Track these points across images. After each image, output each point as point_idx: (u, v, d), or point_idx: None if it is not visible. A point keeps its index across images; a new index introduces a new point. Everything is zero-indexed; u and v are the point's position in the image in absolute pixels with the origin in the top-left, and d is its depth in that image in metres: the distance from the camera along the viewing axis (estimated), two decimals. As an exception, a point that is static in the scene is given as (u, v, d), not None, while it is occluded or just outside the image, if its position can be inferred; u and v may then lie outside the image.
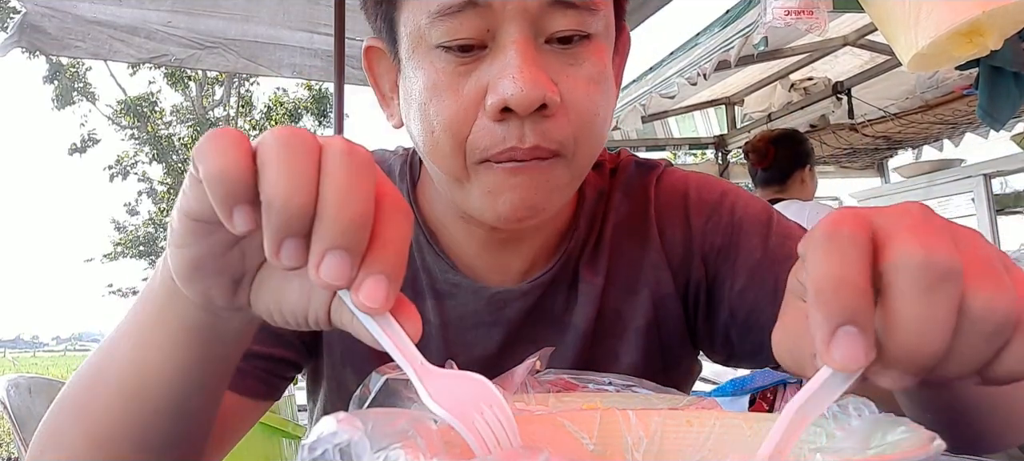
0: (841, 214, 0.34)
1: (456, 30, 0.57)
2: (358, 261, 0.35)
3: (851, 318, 0.30)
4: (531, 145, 0.57)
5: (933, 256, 0.31)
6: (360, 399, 0.47)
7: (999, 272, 0.32)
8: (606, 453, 0.43)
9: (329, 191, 0.34)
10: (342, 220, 0.34)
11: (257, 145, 0.35)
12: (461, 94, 0.58)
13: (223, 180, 0.34)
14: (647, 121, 4.52)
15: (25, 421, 1.75)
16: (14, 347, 57.20)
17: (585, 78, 0.59)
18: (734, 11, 2.69)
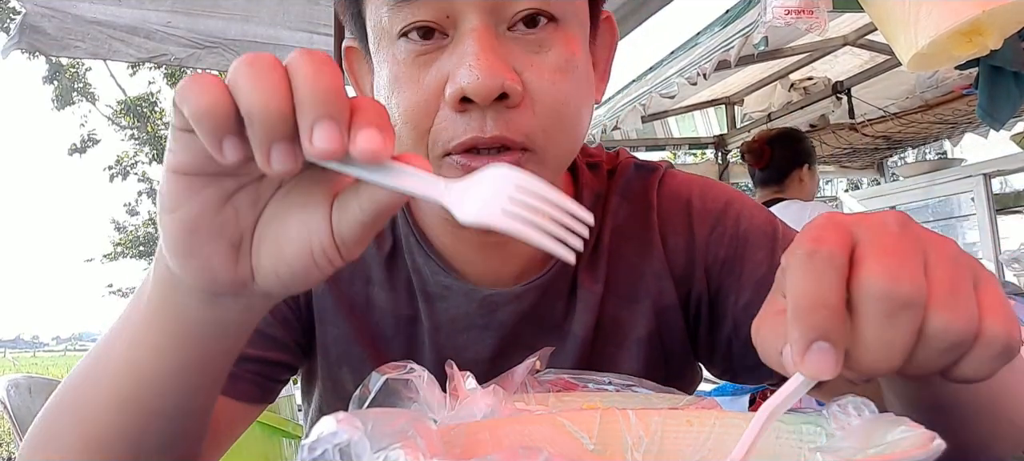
0: (822, 229, 0.36)
1: (414, 14, 0.56)
2: (345, 126, 0.36)
3: (824, 335, 0.33)
4: (492, 135, 0.56)
5: (897, 286, 0.34)
6: (360, 399, 0.47)
7: (962, 292, 0.35)
8: (606, 453, 0.44)
9: (300, 80, 0.36)
10: (318, 93, 0.35)
11: (229, 79, 0.37)
12: (421, 85, 0.57)
13: (208, 114, 0.36)
14: (647, 121, 4.52)
15: (25, 421, 1.75)
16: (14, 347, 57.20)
17: (551, 66, 0.57)
18: (734, 11, 2.69)
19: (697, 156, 7.46)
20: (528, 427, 0.43)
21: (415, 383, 0.46)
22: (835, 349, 0.34)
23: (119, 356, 0.49)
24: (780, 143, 2.67)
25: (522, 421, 0.44)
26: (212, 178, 0.39)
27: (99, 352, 0.51)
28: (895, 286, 0.33)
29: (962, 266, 0.36)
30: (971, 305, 0.35)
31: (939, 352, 0.35)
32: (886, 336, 0.34)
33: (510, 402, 0.48)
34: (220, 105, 0.35)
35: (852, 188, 8.84)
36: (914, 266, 0.34)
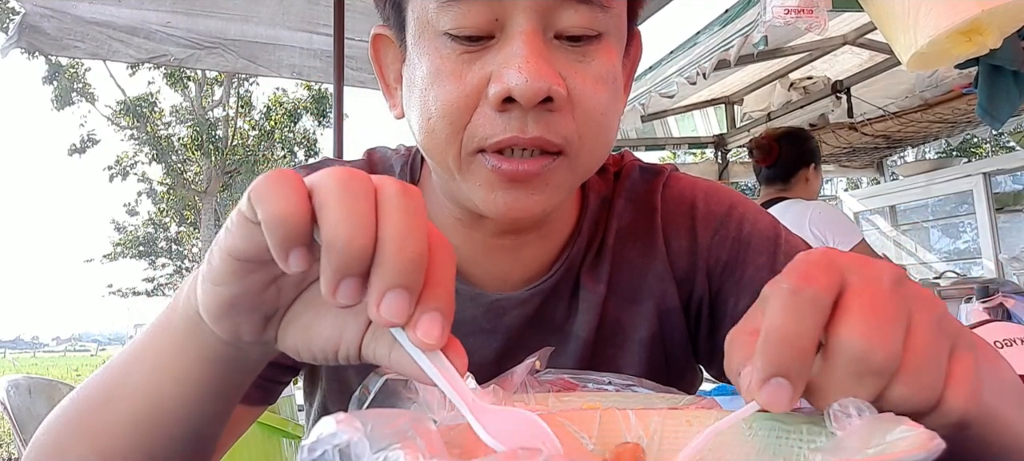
0: (815, 266, 0.36)
1: (464, 17, 0.55)
2: (416, 299, 0.36)
3: (786, 373, 0.35)
4: (534, 136, 0.56)
5: (871, 354, 0.34)
6: (359, 399, 0.47)
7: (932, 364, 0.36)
8: (606, 453, 0.43)
9: (388, 232, 0.35)
10: (402, 260, 0.35)
11: (313, 186, 0.36)
12: (463, 81, 0.56)
13: (284, 223, 0.35)
14: (647, 120, 4.52)
15: (25, 421, 1.75)
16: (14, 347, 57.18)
17: (593, 76, 0.58)
18: (734, 10, 2.69)
19: (697, 155, 7.46)
20: (528, 427, 0.43)
21: (414, 384, 0.46)
22: (793, 388, 0.35)
23: (139, 380, 0.49)
24: (788, 141, 2.66)
25: (522, 421, 0.44)
26: (264, 265, 0.39)
27: (116, 374, 0.52)
28: (869, 352, 0.34)
29: (942, 334, 0.37)
30: (937, 379, 0.36)
31: (896, 409, 0.35)
32: (849, 391, 0.35)
33: (510, 402, 0.48)
34: (297, 216, 0.35)
35: (852, 187, 8.85)
36: (893, 333, 0.35)
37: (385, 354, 0.40)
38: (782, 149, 2.63)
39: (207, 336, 0.44)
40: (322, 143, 20.45)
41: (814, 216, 2.42)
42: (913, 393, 0.35)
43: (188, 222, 22.66)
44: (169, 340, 0.47)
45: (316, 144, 20.45)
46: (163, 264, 24.41)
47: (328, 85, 3.21)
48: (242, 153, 19.22)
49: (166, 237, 23.82)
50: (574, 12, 0.56)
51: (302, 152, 20.91)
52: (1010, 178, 4.47)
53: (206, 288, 0.41)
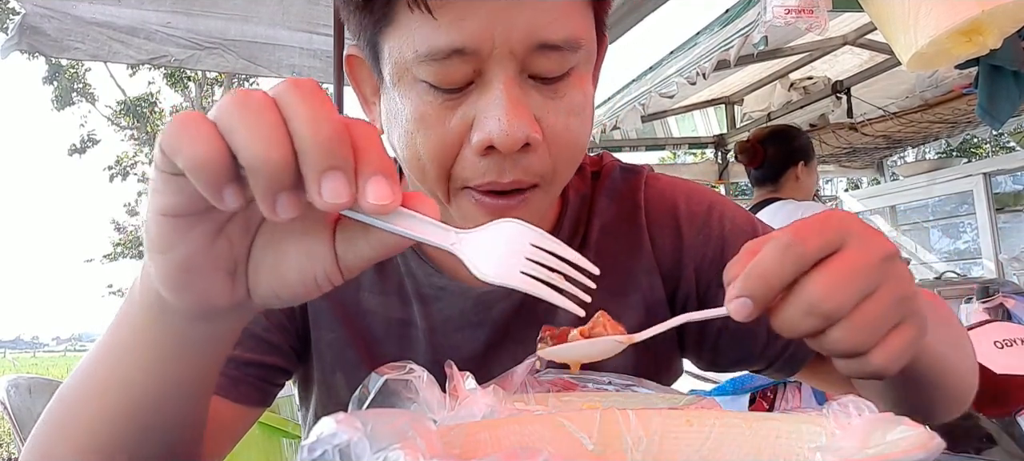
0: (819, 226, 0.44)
1: (444, 74, 0.57)
2: (352, 175, 0.36)
3: (752, 295, 0.44)
4: (511, 180, 0.59)
5: (822, 303, 0.43)
6: (359, 399, 0.47)
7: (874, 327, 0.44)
8: (606, 453, 0.44)
9: (300, 127, 0.35)
10: (321, 144, 0.35)
11: (217, 120, 0.36)
12: (447, 128, 0.59)
13: (206, 164, 0.35)
14: (647, 120, 4.52)
15: (25, 421, 1.75)
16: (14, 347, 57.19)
17: (566, 111, 0.60)
18: (734, 10, 2.69)
19: (697, 155, 7.46)
20: (528, 427, 0.43)
21: (414, 384, 0.46)
22: (755, 307, 0.44)
23: (108, 373, 0.49)
24: (773, 141, 2.63)
25: (522, 421, 0.44)
26: (203, 215, 0.38)
27: (86, 370, 0.51)
28: (822, 301, 0.43)
29: (895, 308, 0.44)
30: (871, 338, 0.44)
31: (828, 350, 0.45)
32: (793, 323, 0.44)
33: (510, 402, 0.48)
34: (217, 155, 0.35)
35: (852, 187, 8.85)
36: (850, 292, 0.43)
37: (363, 245, 0.40)
38: (767, 150, 2.61)
39: (172, 316, 0.43)
40: (322, 143, 20.47)
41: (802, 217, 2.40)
42: (844, 338, 0.44)
43: (188, 222, 22.65)
44: (131, 331, 0.47)
45: (316, 144, 20.47)
46: (163, 264, 24.40)
47: (328, 85, 3.20)
48: (242, 153, 19.24)
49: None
50: (546, 59, 0.58)
51: (302, 152, 20.94)
52: (1010, 178, 4.47)
53: (156, 261, 0.40)
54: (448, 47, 0.55)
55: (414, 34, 0.57)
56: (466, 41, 0.55)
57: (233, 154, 0.35)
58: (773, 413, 0.45)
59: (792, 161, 2.58)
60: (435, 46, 0.56)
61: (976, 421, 1.82)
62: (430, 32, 0.56)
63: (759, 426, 0.42)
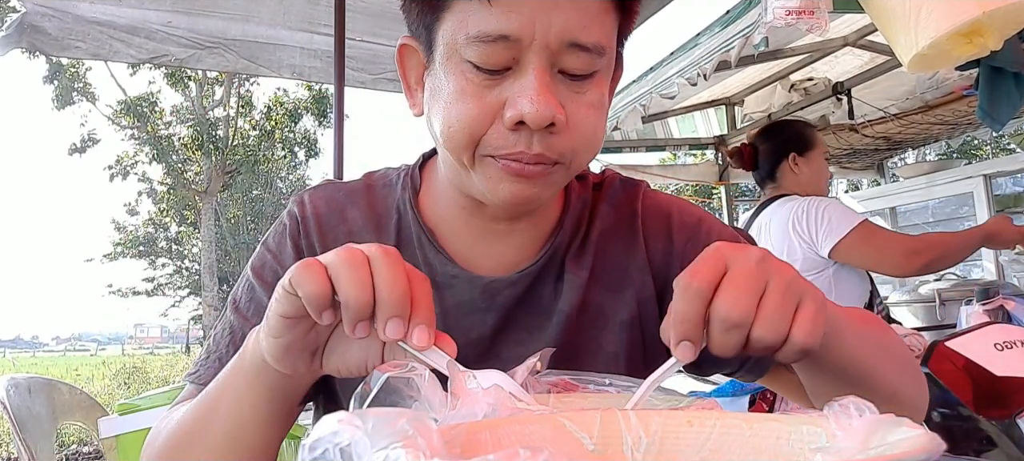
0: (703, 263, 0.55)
1: (488, 56, 0.67)
2: (407, 320, 0.55)
3: (687, 338, 0.55)
4: (536, 153, 0.68)
5: (731, 314, 0.53)
6: (361, 397, 0.48)
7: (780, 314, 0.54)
8: (606, 453, 0.44)
9: (381, 285, 0.54)
10: (392, 300, 0.54)
11: (328, 266, 0.55)
12: (483, 102, 0.68)
13: (316, 298, 0.55)
14: (647, 121, 4.52)
15: (25, 421, 1.75)
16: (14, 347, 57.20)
17: (587, 104, 0.70)
18: (734, 11, 2.69)
19: (697, 156, 7.46)
20: (528, 427, 0.43)
21: (416, 382, 0.47)
22: (694, 345, 0.55)
23: (225, 410, 0.67)
24: (762, 139, 2.58)
25: (522, 421, 0.44)
26: (305, 320, 0.58)
27: (206, 406, 0.69)
28: (730, 314, 0.53)
29: (790, 292, 0.55)
30: (784, 323, 0.54)
31: (759, 349, 0.54)
32: (724, 341, 0.54)
33: (511, 402, 0.48)
34: (325, 293, 0.54)
35: (852, 189, 8.85)
36: (749, 297, 0.53)
37: (400, 355, 0.58)
38: (756, 149, 2.57)
39: (272, 374, 0.63)
40: (322, 143, 20.47)
41: (794, 218, 2.36)
42: (766, 334, 0.53)
43: (188, 222, 22.67)
44: (244, 380, 0.65)
45: (316, 144, 20.48)
46: (163, 264, 24.43)
47: (329, 85, 3.20)
48: (243, 153, 19.24)
49: (166, 237, 23.84)
50: (575, 57, 0.68)
51: (302, 152, 20.92)
52: (1010, 180, 4.47)
53: (268, 342, 0.60)
54: (496, 32, 0.66)
55: (469, 19, 0.67)
56: (512, 29, 0.66)
57: (334, 290, 0.54)
58: (773, 414, 0.45)
59: (783, 154, 2.52)
60: (485, 30, 0.66)
61: (976, 423, 1.82)
62: (483, 17, 0.66)
63: (759, 427, 0.42)
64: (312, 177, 24.13)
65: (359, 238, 0.85)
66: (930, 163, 5.20)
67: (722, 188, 5.05)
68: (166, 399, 2.54)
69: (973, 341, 1.84)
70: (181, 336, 35.22)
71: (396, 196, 0.87)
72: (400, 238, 0.85)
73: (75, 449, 6.77)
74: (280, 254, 0.85)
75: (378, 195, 0.88)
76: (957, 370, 1.85)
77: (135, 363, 14.72)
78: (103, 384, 11.51)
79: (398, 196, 0.87)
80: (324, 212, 0.87)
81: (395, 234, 0.85)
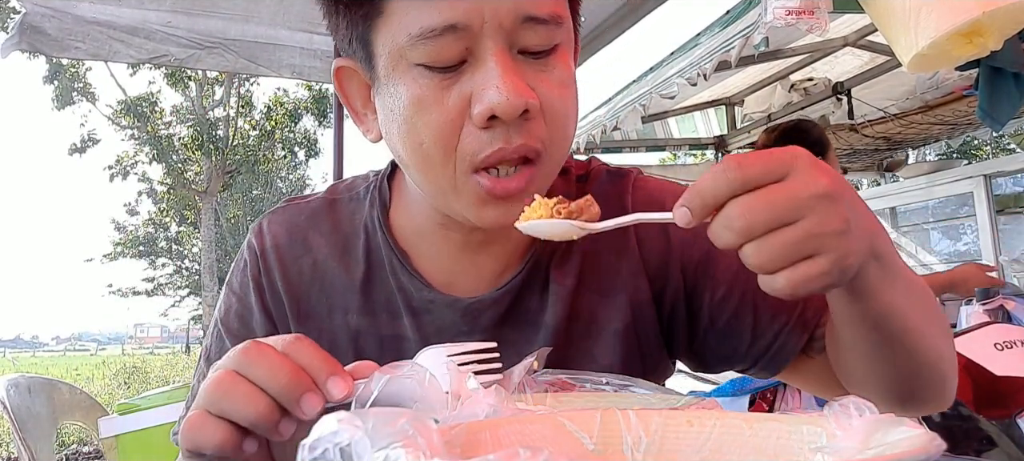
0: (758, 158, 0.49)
1: (438, 52, 0.60)
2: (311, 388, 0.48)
3: (689, 207, 0.50)
4: (518, 145, 0.62)
5: (736, 219, 0.48)
6: (362, 399, 0.47)
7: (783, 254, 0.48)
8: (606, 453, 0.44)
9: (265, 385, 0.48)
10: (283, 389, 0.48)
11: (212, 406, 0.49)
12: (446, 106, 0.62)
13: (223, 448, 0.48)
14: (647, 121, 4.52)
15: (25, 421, 1.75)
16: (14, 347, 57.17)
17: (556, 82, 0.64)
18: (734, 11, 2.69)
19: (697, 157, 7.46)
20: (528, 427, 0.43)
21: (416, 383, 0.47)
22: (691, 216, 0.50)
23: None
24: (788, 137, 2.53)
25: (522, 421, 0.44)
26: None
27: None
28: (735, 218, 0.48)
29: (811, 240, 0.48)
30: (776, 261, 0.49)
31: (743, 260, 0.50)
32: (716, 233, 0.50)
33: (511, 402, 0.48)
34: (228, 437, 0.48)
35: (852, 189, 8.83)
36: (768, 216, 0.48)
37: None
38: (782, 145, 2.58)
39: None
40: (322, 143, 20.46)
41: None
42: (751, 255, 0.49)
43: (188, 222, 22.66)
44: None
45: (316, 144, 20.46)
46: (163, 264, 24.42)
47: (328, 85, 3.20)
48: (243, 153, 19.23)
49: (166, 237, 23.82)
50: (534, 32, 0.62)
51: (302, 152, 20.91)
52: (1011, 180, 4.47)
53: None
54: (441, 24, 0.59)
55: (406, 17, 0.60)
56: (458, 17, 0.59)
57: (237, 425, 0.48)
58: (773, 414, 0.45)
59: None
60: (428, 25, 0.59)
61: (976, 423, 1.82)
62: (422, 12, 0.59)
63: (759, 427, 0.42)
64: (312, 177, 24.16)
65: (325, 268, 0.78)
66: (930, 163, 5.20)
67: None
68: (166, 399, 2.54)
69: (973, 341, 1.84)
70: (181, 336, 35.20)
71: (363, 213, 0.80)
72: (370, 263, 0.78)
73: (75, 449, 6.77)
74: (245, 297, 0.79)
75: (343, 213, 0.80)
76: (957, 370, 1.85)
77: (135, 363, 14.72)
78: (103, 384, 11.51)
79: (366, 214, 0.79)
80: (284, 243, 0.79)
81: (364, 259, 0.78)
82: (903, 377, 0.66)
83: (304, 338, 0.51)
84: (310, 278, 0.78)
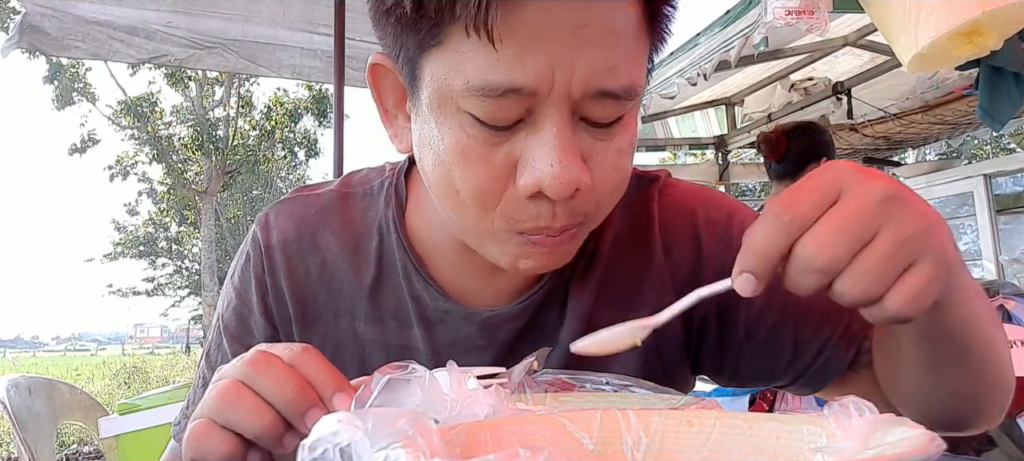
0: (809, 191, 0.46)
1: (494, 111, 0.53)
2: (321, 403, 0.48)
3: (752, 270, 0.47)
4: (562, 224, 0.58)
5: (815, 258, 0.44)
6: (362, 399, 0.47)
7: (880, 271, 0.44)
8: (606, 453, 0.44)
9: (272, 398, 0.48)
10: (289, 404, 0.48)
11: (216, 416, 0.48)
12: (492, 165, 0.55)
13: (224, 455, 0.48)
14: (647, 121, 4.52)
15: (25, 421, 1.75)
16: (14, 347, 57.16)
17: (615, 151, 0.58)
18: (734, 11, 2.69)
19: (697, 156, 7.46)
20: (528, 427, 0.43)
21: (417, 383, 0.46)
22: (757, 282, 0.47)
23: None
24: (798, 135, 2.52)
25: (522, 421, 0.44)
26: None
27: None
28: (815, 256, 0.44)
29: (905, 248, 0.44)
30: (879, 282, 0.44)
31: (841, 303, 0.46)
32: (799, 282, 0.46)
33: (512, 402, 0.48)
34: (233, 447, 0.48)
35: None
36: (845, 242, 0.44)
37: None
38: (791, 143, 2.51)
39: None
40: (322, 143, 20.46)
41: None
42: (850, 290, 0.45)
43: (188, 222, 22.66)
44: None
45: (316, 144, 20.45)
46: (163, 264, 24.42)
47: (328, 85, 3.20)
48: (243, 153, 19.21)
49: (166, 237, 23.82)
50: (602, 106, 0.54)
51: (302, 152, 20.90)
52: (1011, 180, 4.47)
53: None
54: (505, 84, 0.51)
55: (467, 63, 0.52)
56: (527, 81, 0.51)
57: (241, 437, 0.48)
58: (773, 414, 0.45)
59: (815, 156, 2.46)
60: (490, 81, 0.52)
61: (976, 422, 1.82)
62: (487, 64, 0.51)
63: (759, 427, 0.42)
64: (312, 177, 24.11)
65: (333, 270, 0.74)
66: (930, 163, 5.20)
67: (722, 188, 5.04)
68: (166, 399, 2.54)
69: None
70: (181, 336, 35.21)
71: (378, 212, 0.75)
72: (382, 266, 0.73)
73: (75, 449, 6.77)
74: (245, 293, 0.75)
75: (356, 210, 0.75)
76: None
77: (135, 363, 14.71)
78: (103, 384, 11.50)
79: (380, 213, 0.74)
80: (292, 239, 0.74)
81: (375, 262, 0.73)
82: (967, 396, 0.62)
83: (312, 350, 0.50)
84: (318, 279, 0.74)
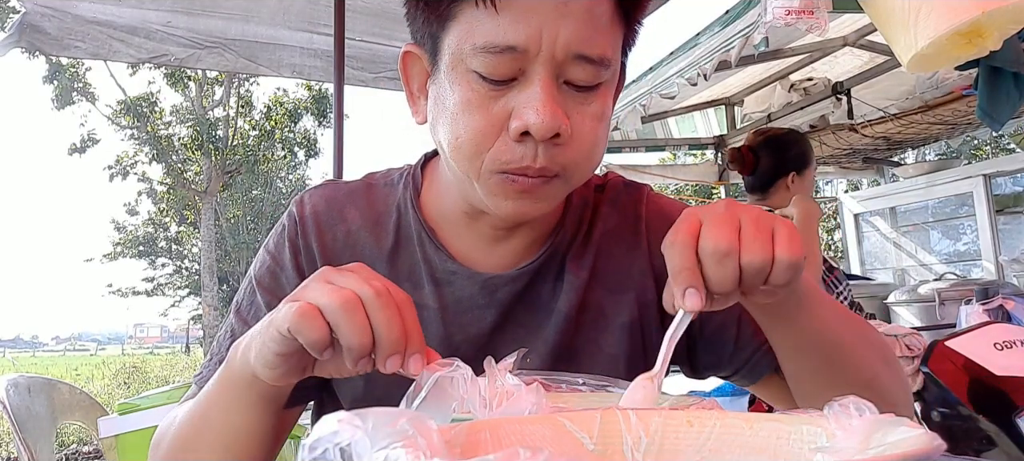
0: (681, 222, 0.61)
1: (494, 66, 0.67)
2: (403, 353, 0.56)
3: (690, 284, 0.59)
4: (541, 166, 0.69)
5: (718, 243, 0.58)
6: (411, 397, 0.53)
7: (760, 239, 0.58)
8: (606, 453, 0.44)
9: (378, 327, 0.55)
10: (390, 341, 0.56)
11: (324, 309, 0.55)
12: (489, 114, 0.69)
13: (317, 345, 0.56)
14: (647, 121, 4.52)
15: (25, 421, 1.75)
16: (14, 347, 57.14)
17: (591, 115, 0.71)
18: (734, 11, 2.69)
19: (697, 156, 7.46)
20: (528, 427, 0.43)
21: (459, 381, 0.53)
22: (698, 291, 0.58)
23: (218, 418, 0.69)
24: (766, 149, 2.46)
25: (522, 421, 0.44)
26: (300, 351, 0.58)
27: (199, 414, 0.71)
28: (717, 245, 0.58)
29: (763, 223, 0.60)
30: (766, 244, 0.59)
31: (753, 275, 0.59)
32: (720, 274, 0.58)
33: (551, 400, 0.49)
34: (325, 340, 0.56)
35: (852, 189, 8.85)
36: (730, 230, 0.59)
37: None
38: (759, 158, 2.45)
39: (264, 387, 0.63)
40: (322, 143, 20.46)
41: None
42: (754, 257, 0.58)
43: (188, 222, 22.65)
44: (235, 391, 0.67)
45: (316, 144, 20.46)
46: (163, 264, 24.42)
47: (328, 85, 3.21)
48: (242, 153, 19.22)
49: (166, 237, 23.82)
50: (581, 68, 0.68)
51: (302, 152, 20.91)
52: (1010, 180, 4.47)
53: (264, 371, 0.61)
54: (503, 43, 0.66)
55: (475, 28, 0.67)
56: (520, 40, 0.66)
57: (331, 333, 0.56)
58: (773, 414, 0.45)
59: (783, 172, 2.42)
60: (492, 41, 0.66)
61: (976, 423, 1.82)
62: (490, 28, 0.66)
63: (760, 427, 0.42)
64: (312, 177, 24.12)
65: (357, 237, 0.86)
66: (930, 163, 5.20)
67: (722, 188, 5.05)
68: (166, 399, 2.54)
69: (973, 341, 1.85)
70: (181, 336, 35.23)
71: (397, 195, 0.88)
72: (399, 235, 0.85)
73: (75, 449, 6.77)
74: (279, 256, 0.86)
75: (378, 194, 0.89)
76: (957, 369, 1.85)
77: (135, 363, 14.73)
78: (103, 384, 11.51)
79: (399, 195, 0.88)
80: (323, 211, 0.87)
81: (393, 232, 0.85)
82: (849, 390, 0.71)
83: (412, 303, 0.58)
84: (344, 245, 0.85)
